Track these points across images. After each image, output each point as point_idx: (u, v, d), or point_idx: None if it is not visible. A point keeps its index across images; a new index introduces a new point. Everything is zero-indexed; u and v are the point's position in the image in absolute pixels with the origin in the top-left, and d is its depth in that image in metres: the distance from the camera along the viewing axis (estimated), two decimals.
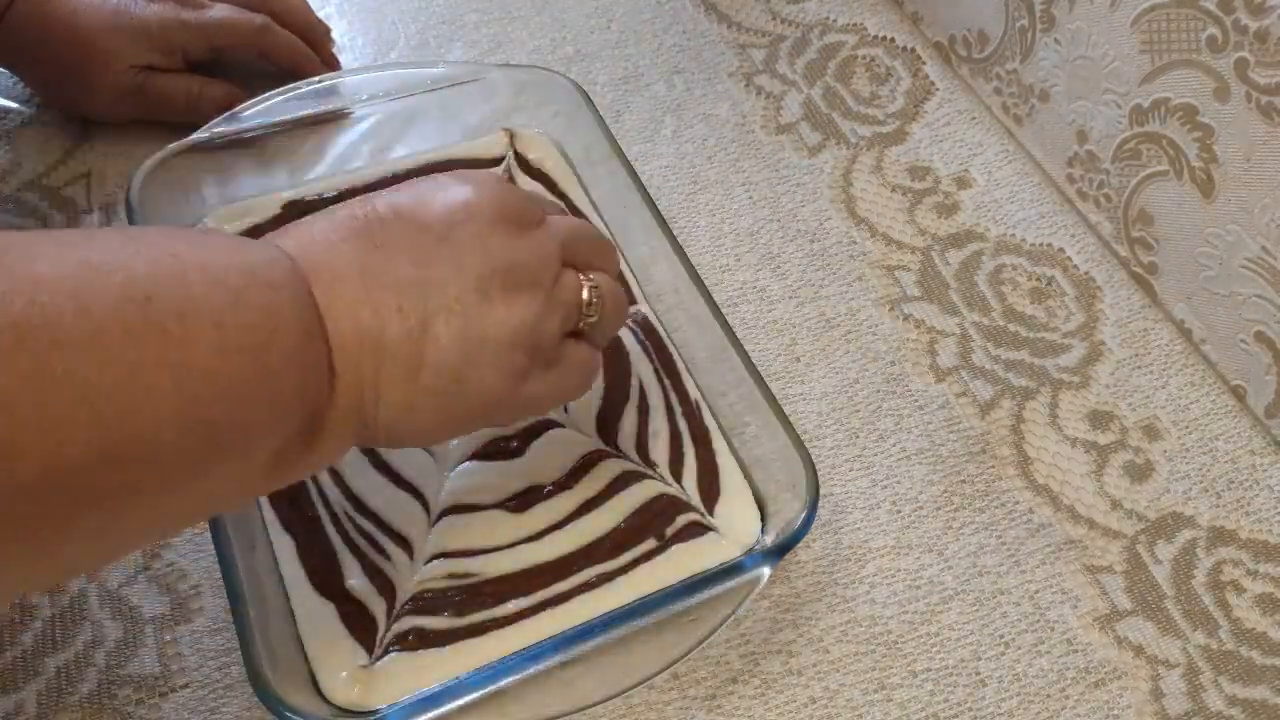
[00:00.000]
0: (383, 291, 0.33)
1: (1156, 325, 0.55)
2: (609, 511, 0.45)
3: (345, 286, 0.33)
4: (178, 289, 0.28)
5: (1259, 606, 0.47)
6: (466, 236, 0.35)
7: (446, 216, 0.35)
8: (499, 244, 0.36)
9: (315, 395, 0.32)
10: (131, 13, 0.54)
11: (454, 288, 0.35)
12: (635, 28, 0.66)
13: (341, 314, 0.33)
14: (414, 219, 0.35)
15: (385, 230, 0.35)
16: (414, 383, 0.34)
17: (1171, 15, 0.50)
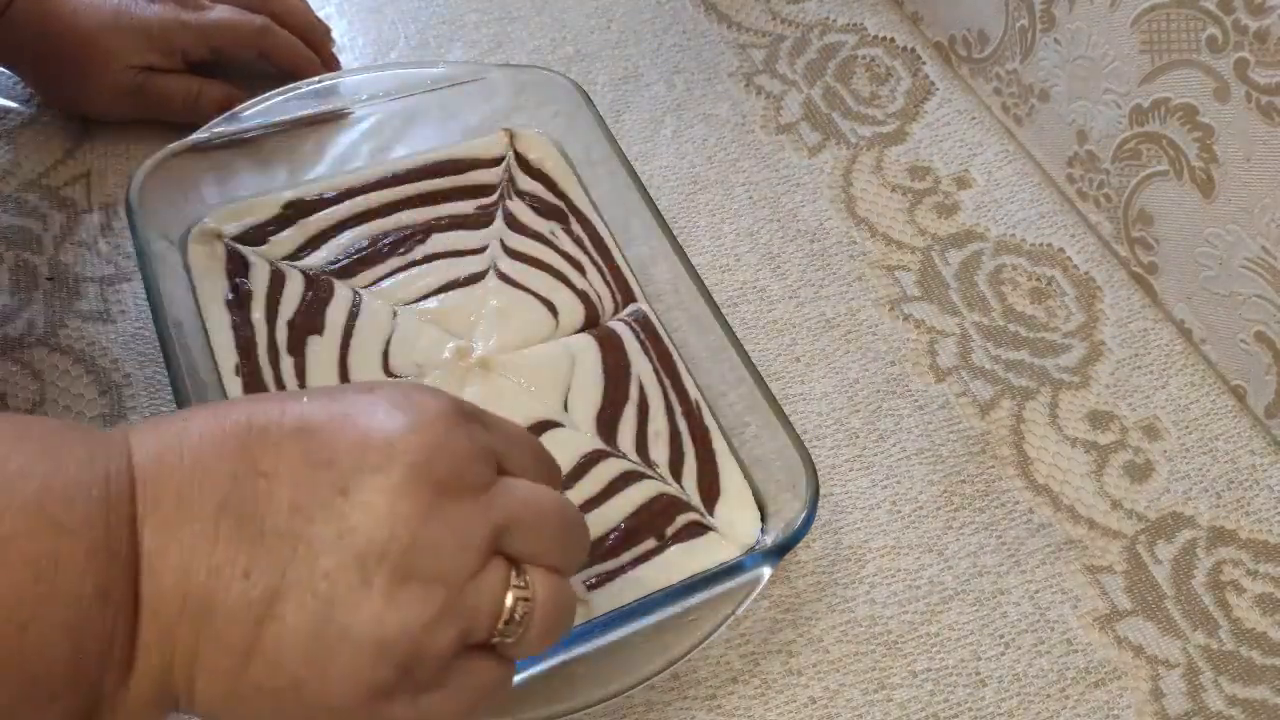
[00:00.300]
0: (235, 542, 0.26)
1: (1156, 325, 0.55)
2: (609, 511, 0.45)
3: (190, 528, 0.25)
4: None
5: (1259, 606, 0.47)
6: (371, 492, 0.27)
7: (357, 458, 0.27)
8: (409, 513, 0.27)
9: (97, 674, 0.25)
10: (132, 13, 0.54)
11: (327, 559, 0.26)
12: (635, 28, 0.66)
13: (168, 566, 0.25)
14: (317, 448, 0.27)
15: (278, 455, 0.27)
16: (239, 674, 0.26)
17: (1171, 15, 0.50)
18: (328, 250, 0.50)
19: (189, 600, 0.25)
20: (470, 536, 0.28)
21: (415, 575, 0.27)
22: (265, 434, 0.27)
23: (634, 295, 0.51)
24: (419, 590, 0.27)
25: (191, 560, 0.25)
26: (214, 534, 0.26)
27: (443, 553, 0.27)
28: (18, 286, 0.51)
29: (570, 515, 0.32)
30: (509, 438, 0.31)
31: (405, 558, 0.27)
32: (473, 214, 0.53)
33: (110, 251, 0.53)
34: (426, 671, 0.28)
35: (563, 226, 0.53)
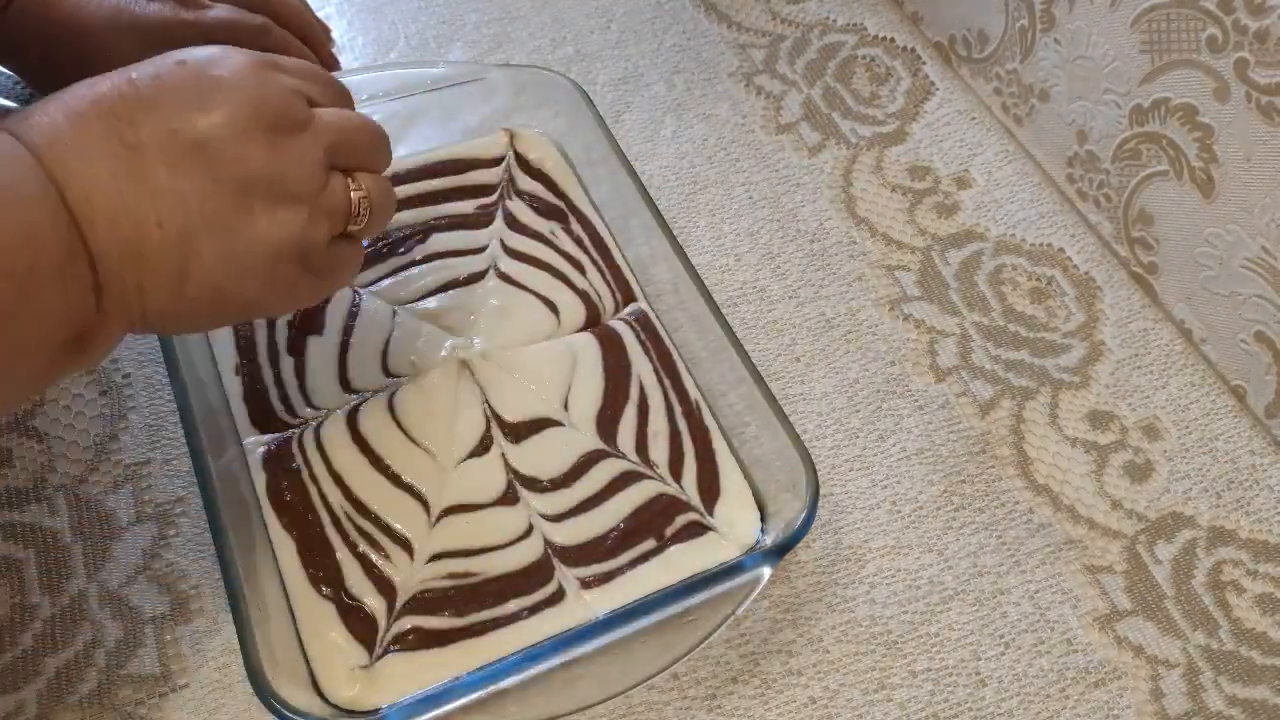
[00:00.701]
0: (140, 203, 0.32)
1: (1156, 325, 0.55)
2: (608, 511, 0.45)
3: (102, 196, 0.32)
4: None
5: (1259, 606, 0.47)
6: (223, 143, 0.34)
7: (201, 120, 0.34)
8: (258, 153, 0.34)
9: (82, 310, 0.32)
10: (131, 11, 0.53)
11: (213, 201, 0.34)
12: (635, 28, 0.66)
13: (101, 226, 0.32)
14: (166, 119, 0.33)
15: (135, 129, 0.33)
16: (179, 294, 0.34)
17: (1171, 15, 0.50)
18: None
19: (124, 246, 0.32)
20: (310, 160, 0.36)
21: (282, 198, 0.35)
22: (117, 115, 0.33)
23: (634, 295, 0.51)
24: (289, 208, 0.35)
25: (115, 220, 0.32)
26: (120, 198, 0.32)
27: (295, 177, 0.35)
28: None
29: (373, 127, 0.40)
30: (306, 76, 0.38)
31: (270, 186, 0.35)
32: (473, 214, 0.53)
33: None
34: (315, 264, 0.37)
35: (563, 226, 0.53)
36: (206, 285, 0.34)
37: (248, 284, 0.35)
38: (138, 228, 0.32)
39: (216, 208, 0.34)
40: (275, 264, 0.35)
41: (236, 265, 0.34)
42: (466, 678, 0.38)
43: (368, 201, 0.38)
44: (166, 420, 0.48)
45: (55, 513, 0.45)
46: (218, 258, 0.34)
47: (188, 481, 0.46)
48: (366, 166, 0.39)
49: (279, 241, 0.35)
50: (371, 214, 0.39)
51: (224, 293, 0.35)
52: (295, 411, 0.46)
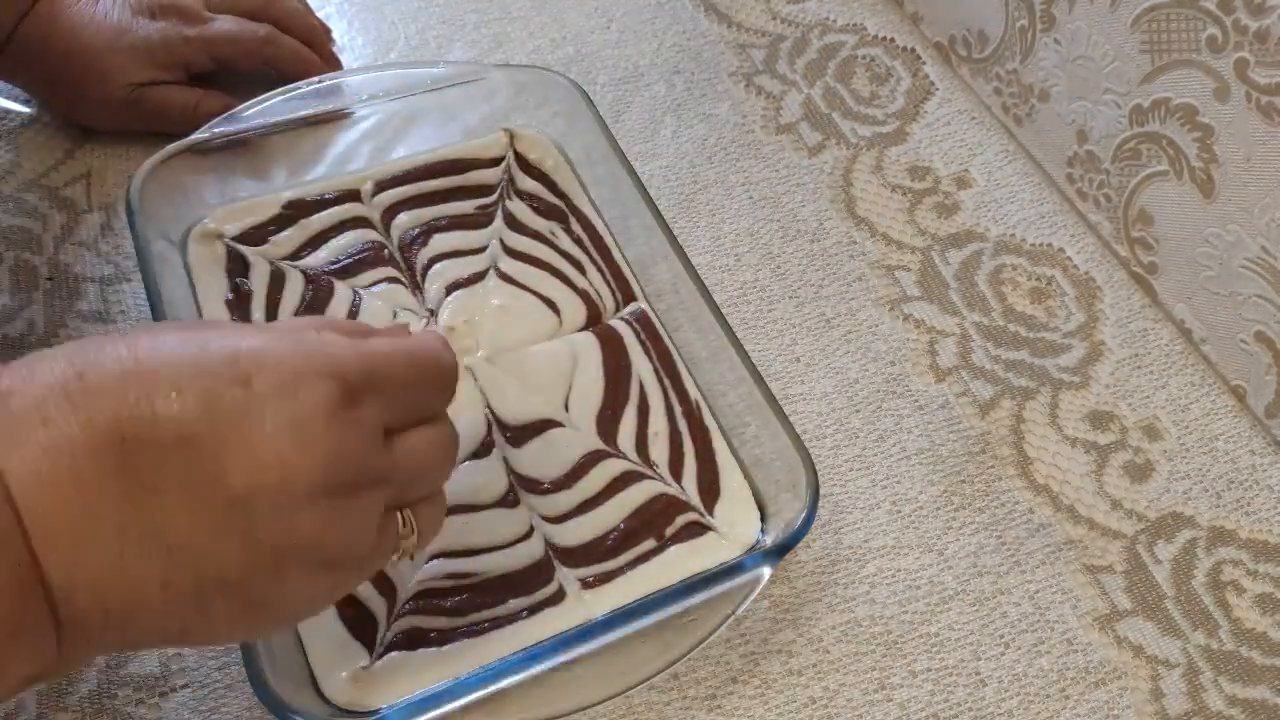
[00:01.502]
0: (147, 561, 0.26)
1: (1156, 325, 0.55)
2: (609, 511, 0.45)
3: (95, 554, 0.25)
4: None
5: (1259, 606, 0.47)
6: (270, 509, 0.27)
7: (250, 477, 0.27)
8: (310, 523, 0.28)
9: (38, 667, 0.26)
10: (134, 30, 0.53)
11: (240, 569, 0.27)
12: (635, 28, 0.66)
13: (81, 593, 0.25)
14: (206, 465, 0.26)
15: (158, 468, 0.26)
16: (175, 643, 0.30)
17: (1171, 15, 0.50)
18: (328, 250, 0.50)
19: (110, 615, 0.26)
20: (367, 523, 0.30)
21: (322, 565, 0.29)
22: (143, 444, 0.26)
23: (634, 295, 0.51)
24: (327, 574, 0.30)
25: (106, 584, 0.26)
26: (121, 559, 0.26)
27: (346, 545, 0.30)
28: (18, 286, 0.51)
29: (450, 448, 0.34)
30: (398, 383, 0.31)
31: (311, 555, 0.29)
32: (473, 214, 0.53)
33: (110, 251, 0.53)
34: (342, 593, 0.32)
35: (563, 226, 0.53)
36: (205, 639, 0.29)
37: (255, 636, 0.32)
38: (134, 591, 0.26)
39: (242, 573, 0.28)
40: (293, 621, 0.32)
41: (248, 625, 0.30)
42: (466, 678, 0.38)
43: (413, 543, 0.33)
44: None
45: None
46: (227, 620, 0.28)
47: None
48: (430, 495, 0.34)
49: (305, 604, 0.30)
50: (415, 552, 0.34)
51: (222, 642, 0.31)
52: None
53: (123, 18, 0.53)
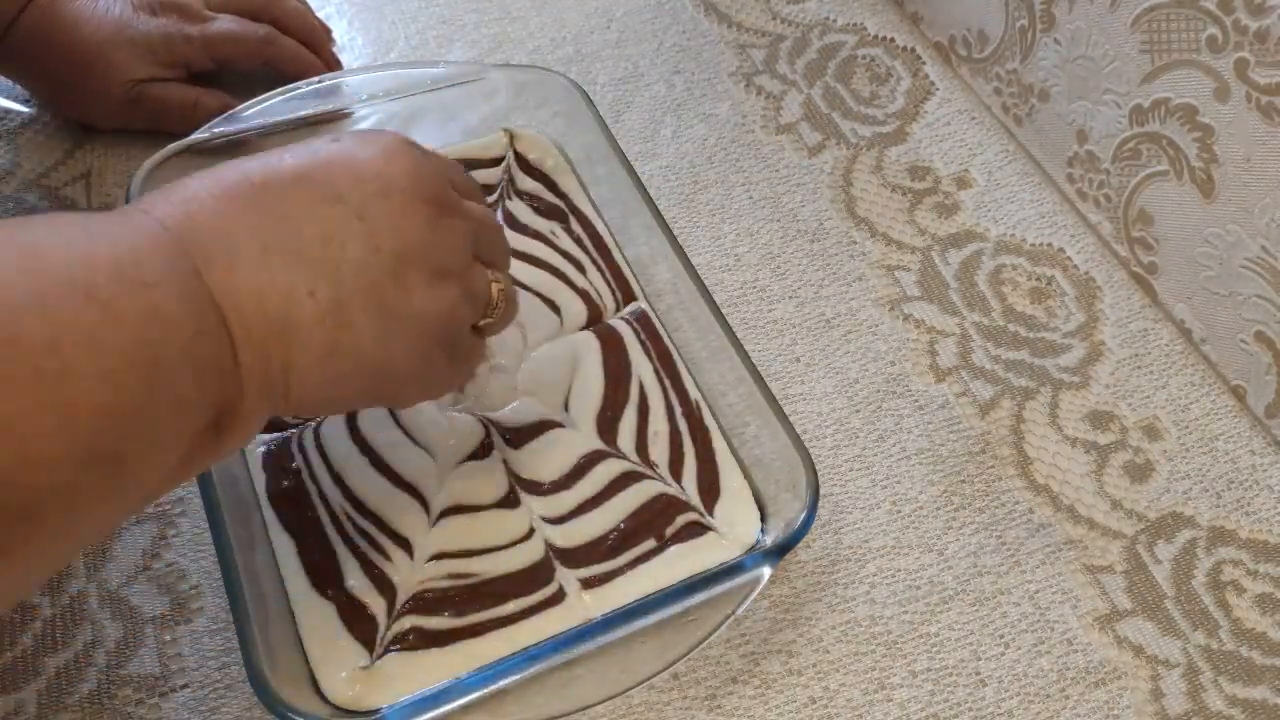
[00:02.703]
0: (291, 271, 0.31)
1: (1156, 325, 0.55)
2: (608, 511, 0.45)
3: (247, 267, 0.30)
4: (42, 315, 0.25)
5: (1259, 606, 0.47)
6: (383, 214, 0.33)
7: (359, 188, 0.33)
8: (416, 225, 0.34)
9: (218, 391, 0.30)
10: (134, 26, 0.53)
11: (371, 272, 0.32)
12: (635, 28, 0.66)
13: (244, 299, 0.30)
14: (322, 188, 0.32)
15: (288, 199, 0.31)
16: (328, 368, 0.32)
17: (1171, 15, 0.50)
18: None
19: (271, 321, 0.30)
20: (461, 240, 0.36)
21: (436, 273, 0.34)
22: (268, 188, 0.31)
23: (634, 294, 0.52)
24: (442, 285, 0.34)
25: (262, 292, 0.30)
26: (268, 268, 0.30)
27: (448, 253, 0.35)
28: None
29: (500, 227, 0.40)
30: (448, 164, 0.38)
31: (424, 260, 0.34)
32: None
33: None
34: (457, 347, 0.37)
35: (563, 226, 0.53)
36: (357, 359, 0.33)
37: (398, 361, 0.34)
38: (287, 298, 0.30)
39: (373, 278, 0.32)
40: (425, 341, 0.34)
41: (389, 339, 0.33)
42: (466, 678, 0.38)
43: (504, 294, 0.38)
44: None
45: None
46: (371, 330, 0.32)
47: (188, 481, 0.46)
48: (498, 264, 0.39)
49: (432, 316, 0.34)
50: (505, 308, 0.39)
51: (373, 368, 0.33)
52: None
53: (123, 14, 0.53)
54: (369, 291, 0.32)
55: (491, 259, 0.38)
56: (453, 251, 0.35)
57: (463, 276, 0.36)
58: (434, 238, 0.34)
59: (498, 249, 0.39)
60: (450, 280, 0.35)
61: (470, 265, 0.36)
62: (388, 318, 0.33)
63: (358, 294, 0.32)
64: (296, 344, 0.31)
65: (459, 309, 0.35)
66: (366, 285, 0.32)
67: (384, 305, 0.33)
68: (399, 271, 0.33)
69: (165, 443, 0.28)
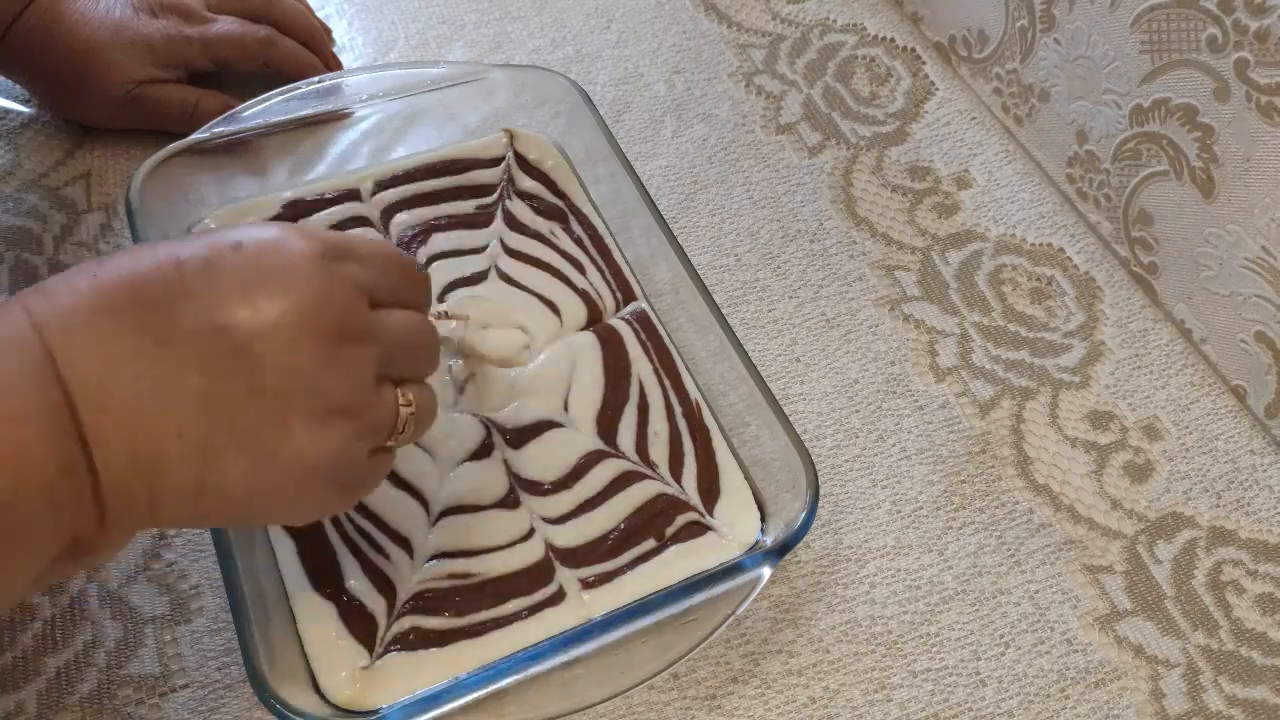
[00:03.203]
0: (162, 409, 0.29)
1: (1156, 325, 0.55)
2: (608, 511, 0.45)
3: (119, 402, 0.28)
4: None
5: (1259, 606, 0.47)
6: (270, 350, 0.30)
7: (251, 315, 0.30)
8: (308, 363, 0.31)
9: (76, 524, 0.28)
10: (134, 28, 0.53)
11: (249, 415, 0.30)
12: (635, 28, 0.66)
13: (111, 439, 0.28)
14: (210, 311, 0.30)
15: (172, 323, 0.29)
16: (194, 505, 0.30)
17: (1171, 15, 0.50)
18: None
19: (137, 460, 0.29)
20: (361, 373, 0.32)
21: (326, 414, 0.31)
22: (154, 303, 0.29)
23: (634, 294, 0.51)
24: (333, 425, 0.32)
25: (130, 433, 0.28)
26: (139, 407, 0.29)
27: (343, 391, 0.32)
28: (18, 286, 0.51)
29: (429, 334, 0.37)
30: (376, 264, 0.34)
31: (312, 400, 0.31)
32: (473, 214, 0.53)
33: (110, 251, 0.53)
34: (352, 476, 0.34)
35: (563, 226, 0.53)
36: (228, 499, 0.31)
37: (272, 500, 0.32)
38: (154, 438, 0.29)
39: (251, 421, 0.30)
40: (306, 482, 0.32)
41: (263, 482, 0.31)
42: (466, 678, 0.38)
43: (414, 416, 0.35)
44: None
45: None
46: (243, 474, 0.30)
47: None
48: (416, 376, 0.36)
49: (314, 460, 0.31)
50: (415, 428, 0.36)
51: (244, 506, 0.31)
52: None
53: (124, 15, 0.53)
54: (244, 434, 0.30)
55: (407, 373, 0.35)
56: (349, 388, 0.32)
57: (360, 411, 0.33)
58: (327, 376, 0.31)
59: (418, 359, 0.36)
60: (343, 418, 0.32)
61: (370, 399, 0.33)
62: (262, 460, 0.31)
63: (232, 436, 0.30)
64: (159, 483, 0.29)
65: (349, 447, 0.32)
66: (243, 427, 0.30)
67: (259, 449, 0.30)
68: (280, 413, 0.30)
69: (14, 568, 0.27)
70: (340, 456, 0.32)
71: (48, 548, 0.28)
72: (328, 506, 0.35)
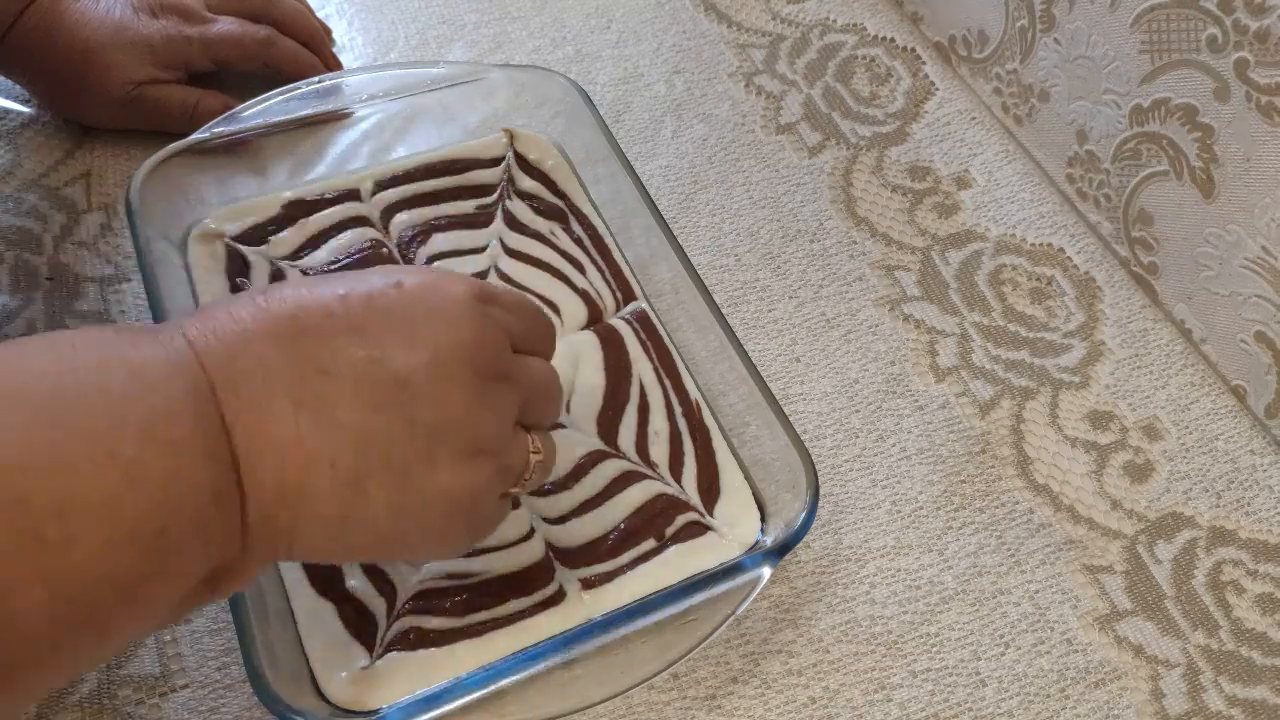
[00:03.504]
0: (318, 437, 0.29)
1: (1156, 325, 0.55)
2: (609, 511, 0.45)
3: (275, 428, 0.28)
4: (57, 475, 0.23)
5: (1259, 606, 0.47)
6: (426, 383, 0.31)
7: (410, 350, 0.31)
8: (461, 400, 0.31)
9: (221, 554, 0.28)
10: (134, 28, 0.53)
11: (400, 447, 0.30)
12: (635, 28, 0.66)
13: (265, 460, 0.28)
14: (371, 344, 0.30)
15: (334, 354, 0.30)
16: (335, 536, 0.31)
17: (1171, 15, 0.50)
18: (328, 250, 0.50)
19: (286, 489, 0.29)
20: (505, 414, 0.33)
21: (470, 449, 0.32)
22: (318, 333, 0.30)
23: (634, 294, 0.52)
24: (474, 460, 0.32)
25: (285, 455, 0.29)
26: (296, 431, 0.29)
27: (489, 429, 0.33)
28: (18, 286, 0.51)
29: (558, 383, 0.38)
30: (518, 313, 0.36)
31: (461, 436, 0.32)
32: (473, 214, 0.53)
33: (110, 251, 0.53)
34: (482, 517, 0.35)
35: (563, 226, 0.53)
36: (370, 531, 0.31)
37: (411, 534, 0.32)
38: (308, 467, 0.29)
39: (402, 454, 0.30)
40: (446, 519, 0.32)
41: (406, 516, 0.31)
42: (466, 678, 0.38)
43: (540, 464, 0.36)
44: None
45: None
46: (389, 505, 0.31)
47: None
48: (544, 423, 0.37)
49: (457, 496, 0.32)
50: (539, 475, 0.36)
51: (383, 539, 0.32)
52: None
53: (124, 15, 0.53)
54: (395, 467, 0.30)
55: (537, 421, 0.36)
56: (494, 426, 0.33)
57: (501, 452, 0.33)
58: (477, 414, 0.32)
59: (546, 410, 0.37)
60: (485, 457, 0.33)
61: (510, 441, 0.34)
62: (408, 494, 0.31)
63: (382, 468, 0.30)
64: (306, 512, 0.29)
65: (489, 486, 0.33)
66: (394, 459, 0.30)
67: (407, 482, 0.31)
68: (431, 447, 0.31)
69: (159, 595, 0.27)
70: (478, 496, 0.33)
71: (192, 575, 0.28)
72: (457, 546, 0.35)
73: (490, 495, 0.34)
